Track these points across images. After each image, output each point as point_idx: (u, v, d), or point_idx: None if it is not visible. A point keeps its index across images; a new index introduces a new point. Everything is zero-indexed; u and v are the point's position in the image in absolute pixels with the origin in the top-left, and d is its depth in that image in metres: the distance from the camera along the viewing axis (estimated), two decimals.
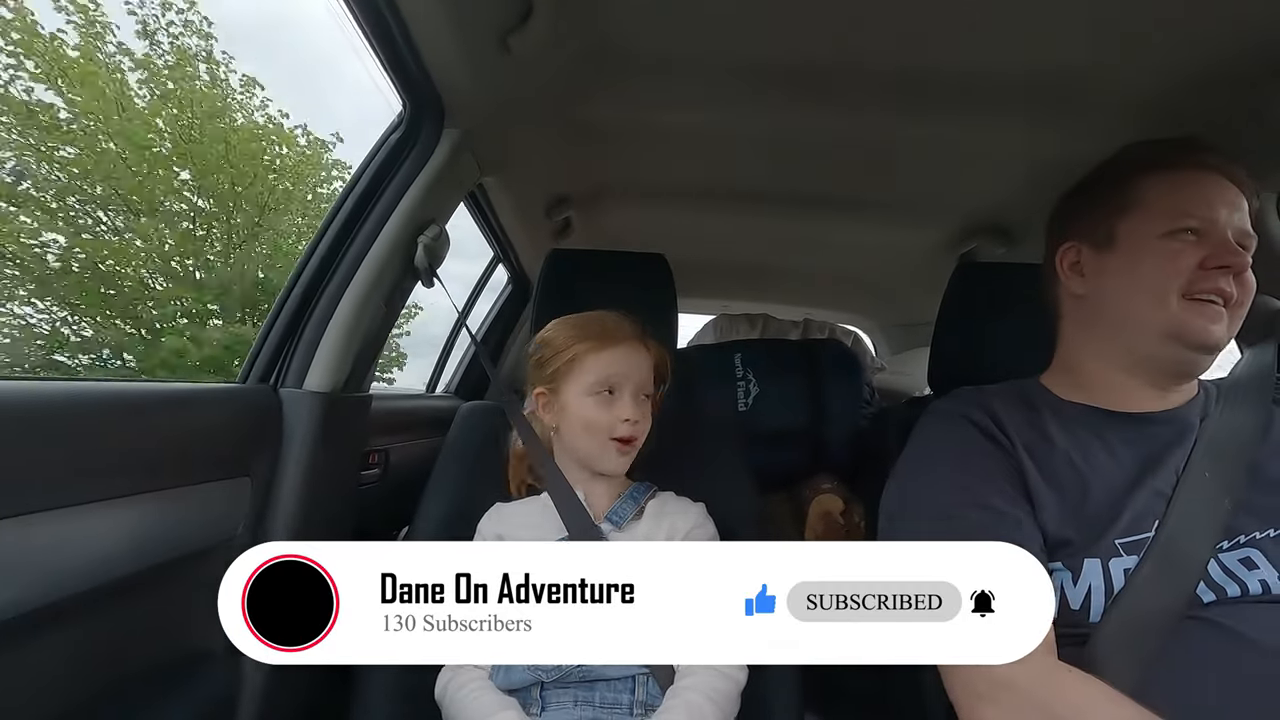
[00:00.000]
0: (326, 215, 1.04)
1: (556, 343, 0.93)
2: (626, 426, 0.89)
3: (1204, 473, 0.72)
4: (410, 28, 0.85)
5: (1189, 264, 0.74)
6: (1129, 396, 0.80)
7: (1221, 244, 0.74)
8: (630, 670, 0.80)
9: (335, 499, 1.03)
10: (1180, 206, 0.76)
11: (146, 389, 0.77)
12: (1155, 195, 0.78)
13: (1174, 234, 0.75)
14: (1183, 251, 0.74)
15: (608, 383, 0.89)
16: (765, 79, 1.14)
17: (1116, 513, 0.71)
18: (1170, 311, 0.74)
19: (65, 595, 0.64)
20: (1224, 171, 0.77)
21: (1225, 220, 0.75)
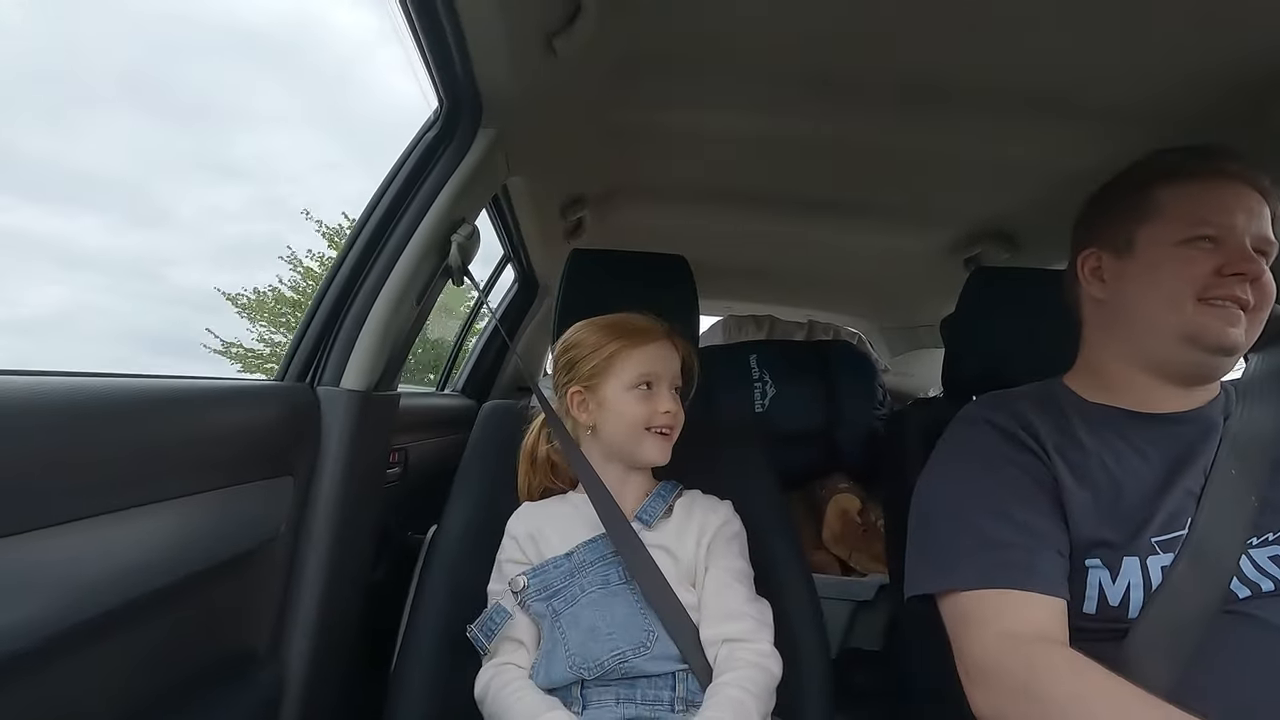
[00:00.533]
0: (362, 213, 1.04)
1: (589, 343, 0.94)
2: (666, 418, 0.91)
3: (1230, 470, 0.74)
4: (462, 25, 0.85)
5: (1205, 270, 0.75)
6: (1151, 397, 0.82)
7: (1238, 251, 0.75)
8: (670, 666, 0.81)
9: (367, 497, 1.03)
10: (1197, 214, 0.77)
11: (187, 386, 0.75)
12: (1173, 203, 0.79)
13: (1191, 241, 0.76)
14: (1199, 258, 0.75)
15: (647, 378, 0.91)
16: (784, 84, 1.15)
17: (1151, 512, 0.73)
18: (1186, 315, 0.75)
19: (113, 604, 0.62)
20: (1244, 179, 0.78)
21: (1243, 227, 0.75)
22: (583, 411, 0.94)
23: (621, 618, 0.82)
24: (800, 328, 2.21)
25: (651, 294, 1.09)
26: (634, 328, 0.94)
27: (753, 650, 0.80)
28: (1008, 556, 0.72)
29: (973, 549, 0.74)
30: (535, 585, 0.85)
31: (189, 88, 4.22)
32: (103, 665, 0.64)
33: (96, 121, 3.55)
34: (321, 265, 10.87)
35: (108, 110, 3.67)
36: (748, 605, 0.85)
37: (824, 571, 1.60)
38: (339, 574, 0.94)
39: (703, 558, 0.88)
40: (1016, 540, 0.72)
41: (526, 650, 0.85)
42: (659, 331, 0.95)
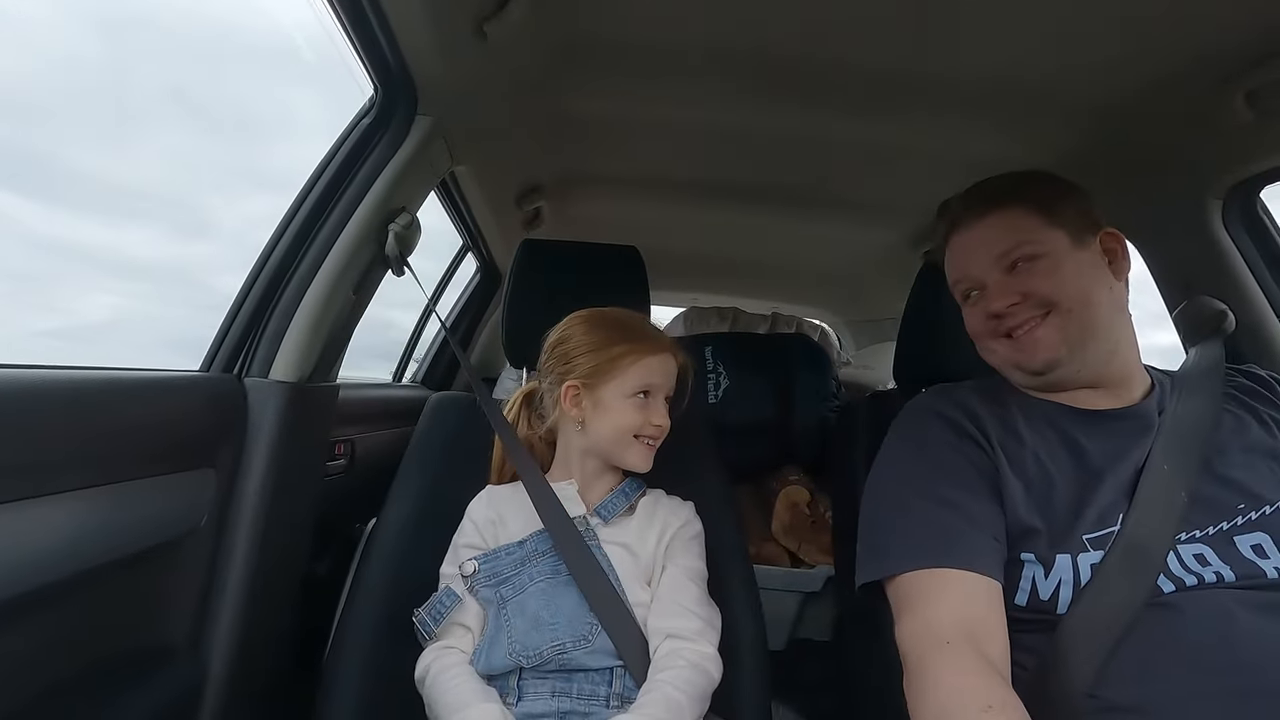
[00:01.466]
0: (293, 201, 1.01)
1: (592, 340, 0.93)
2: (656, 430, 0.91)
3: (1163, 466, 0.75)
4: (385, 10, 0.84)
5: (981, 319, 0.84)
6: (1077, 397, 0.84)
7: (988, 290, 0.83)
8: (608, 662, 0.81)
9: (301, 490, 1.01)
10: (955, 273, 0.88)
11: (104, 376, 0.74)
12: (949, 263, 0.90)
13: (965, 297, 0.88)
14: (973, 309, 0.86)
15: (647, 387, 0.91)
16: (737, 74, 1.15)
17: (1081, 509, 0.74)
18: (1002, 354, 0.84)
19: (25, 589, 0.62)
20: (976, 213, 0.85)
21: (981, 269, 0.84)
22: (574, 407, 0.93)
23: (567, 609, 0.82)
24: (764, 320, 2.21)
25: (603, 285, 1.09)
26: (642, 334, 0.94)
27: (695, 651, 0.80)
28: (944, 537, 0.73)
29: (911, 533, 0.75)
30: (485, 571, 0.85)
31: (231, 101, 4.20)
32: (12, 650, 0.64)
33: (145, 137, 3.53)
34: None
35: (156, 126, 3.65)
36: (699, 605, 0.85)
37: (773, 563, 1.60)
38: (266, 567, 0.92)
39: (661, 556, 0.89)
40: (953, 523, 0.74)
41: (471, 635, 0.84)
42: (665, 343, 0.95)
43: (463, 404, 1.12)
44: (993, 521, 0.74)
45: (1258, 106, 1.00)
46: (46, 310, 1.50)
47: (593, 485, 0.93)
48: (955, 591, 0.69)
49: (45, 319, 1.50)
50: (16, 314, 1.35)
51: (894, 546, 0.75)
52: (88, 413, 0.70)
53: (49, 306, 1.50)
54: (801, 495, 1.65)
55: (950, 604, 0.68)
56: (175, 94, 1.59)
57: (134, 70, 1.40)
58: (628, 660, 0.80)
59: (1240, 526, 0.72)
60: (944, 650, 0.65)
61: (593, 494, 0.93)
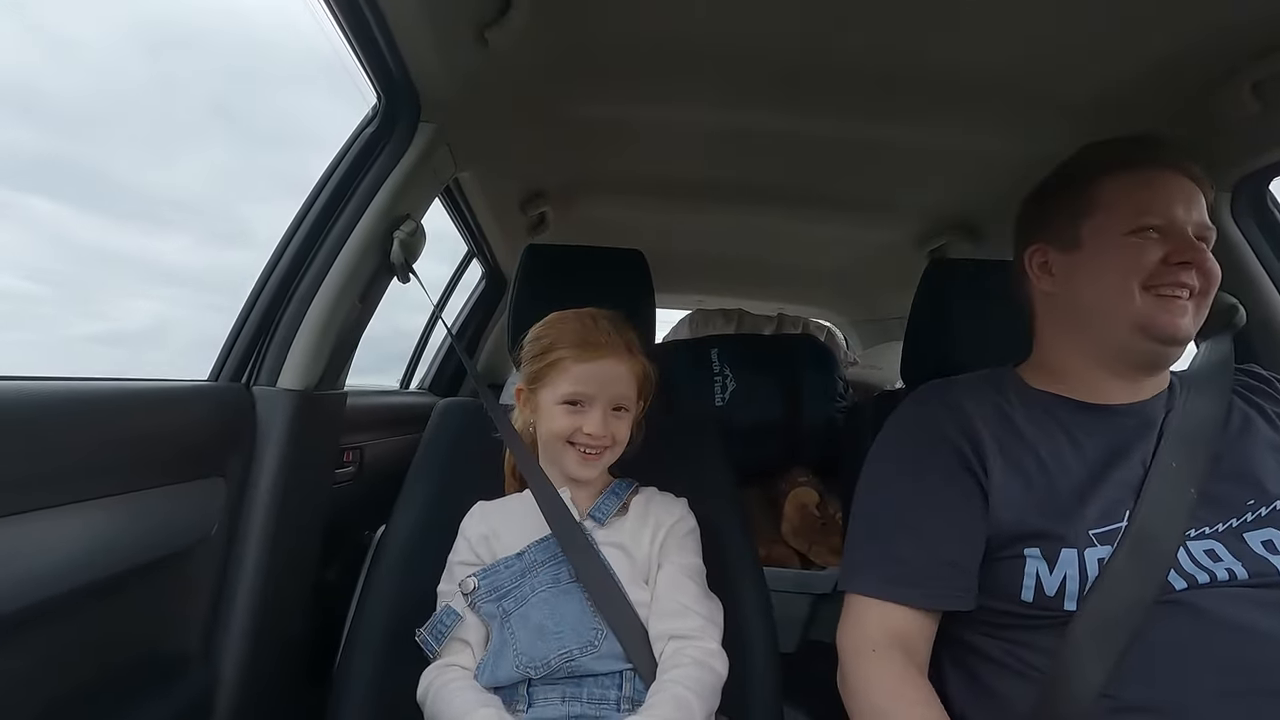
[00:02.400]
0: (299, 210, 1.02)
1: (541, 343, 0.92)
2: (589, 440, 0.88)
3: (1171, 463, 0.74)
4: (387, 19, 0.84)
5: (1152, 259, 0.76)
6: (1100, 389, 0.82)
7: (1182, 239, 0.76)
8: (617, 665, 0.81)
9: (310, 498, 1.02)
10: (1141, 205, 0.78)
11: (114, 388, 0.75)
12: (1116, 196, 0.80)
13: (1136, 232, 0.77)
14: (1145, 247, 0.77)
15: (578, 396, 0.88)
16: (739, 76, 1.15)
17: (1084, 504, 0.73)
18: (1136, 305, 0.76)
19: (39, 599, 0.62)
20: (1180, 169, 0.80)
21: (1184, 216, 0.77)
22: (526, 409, 0.93)
23: (571, 617, 0.82)
24: (770, 321, 2.21)
25: (607, 289, 1.09)
26: (584, 338, 0.90)
27: (699, 648, 0.80)
28: (892, 571, 0.77)
29: (868, 559, 0.80)
30: (486, 586, 0.84)
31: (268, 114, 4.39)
32: (22, 664, 0.64)
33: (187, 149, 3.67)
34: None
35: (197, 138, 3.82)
36: (698, 603, 0.84)
37: (783, 565, 1.60)
38: (277, 575, 0.93)
39: (656, 554, 0.88)
40: (906, 556, 0.77)
41: (472, 651, 0.84)
42: (612, 345, 0.90)
43: (470, 410, 1.12)
44: (958, 546, 0.76)
45: (1264, 98, 1.00)
46: (92, 315, 1.55)
47: (578, 490, 0.92)
48: (893, 620, 0.75)
49: (90, 324, 1.56)
50: (64, 318, 1.40)
51: (852, 564, 0.81)
52: (99, 423, 0.70)
53: (94, 312, 1.55)
54: (810, 497, 1.64)
55: (885, 623, 0.75)
56: (216, 108, 1.64)
57: (175, 86, 1.45)
58: (636, 662, 0.80)
59: (1250, 523, 0.71)
60: (873, 657, 0.73)
61: (582, 499, 0.92)
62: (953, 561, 0.75)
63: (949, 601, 0.75)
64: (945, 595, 0.75)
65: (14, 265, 1.26)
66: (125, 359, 1.58)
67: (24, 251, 1.28)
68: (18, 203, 1.24)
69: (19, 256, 1.27)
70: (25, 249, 1.29)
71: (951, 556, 0.75)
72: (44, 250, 1.34)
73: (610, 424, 0.89)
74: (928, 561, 0.75)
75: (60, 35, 1.06)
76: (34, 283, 1.33)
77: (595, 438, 0.88)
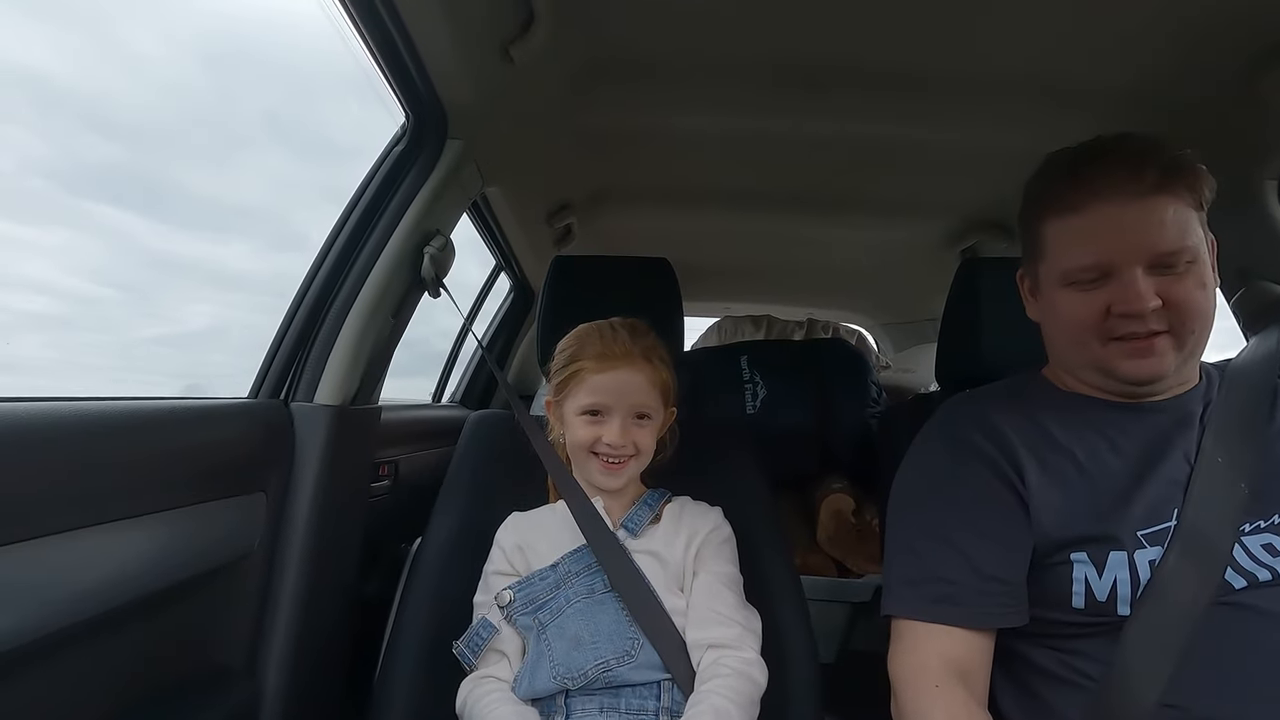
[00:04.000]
0: (332, 229, 1.04)
1: (564, 355, 0.93)
2: (609, 449, 0.88)
3: (1217, 458, 0.71)
4: (414, 39, 0.86)
5: (1096, 311, 0.72)
6: (1120, 394, 0.79)
7: (1125, 288, 0.69)
8: (654, 675, 0.80)
9: (348, 511, 1.03)
10: (1073, 254, 0.73)
11: (159, 406, 0.77)
12: (1054, 241, 0.76)
13: (1074, 284, 0.73)
14: (1087, 300, 0.72)
15: (596, 405, 0.89)
16: (764, 82, 1.15)
17: (1129, 504, 0.71)
18: (1094, 354, 0.74)
19: (87, 616, 0.64)
20: (1134, 189, 0.70)
21: (1129, 256, 0.70)
22: (555, 420, 0.94)
23: (606, 627, 0.82)
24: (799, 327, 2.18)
25: (635, 298, 1.09)
26: (600, 348, 0.90)
27: (738, 658, 0.79)
28: (935, 591, 0.74)
29: (909, 579, 0.76)
30: (521, 599, 0.85)
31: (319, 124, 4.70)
32: (72, 679, 0.66)
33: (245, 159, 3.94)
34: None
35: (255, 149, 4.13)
36: (736, 611, 0.84)
37: (820, 573, 1.57)
38: (317, 588, 0.94)
39: (691, 562, 0.88)
40: (949, 575, 0.73)
41: (509, 662, 0.84)
42: (629, 353, 0.90)
43: (502, 422, 1.13)
44: (1003, 562, 0.73)
45: None
46: (154, 318, 1.64)
47: (609, 501, 0.92)
48: (943, 643, 0.72)
49: (152, 326, 1.64)
50: (128, 321, 1.48)
51: (895, 587, 0.77)
52: (147, 442, 0.72)
53: (155, 315, 1.64)
54: (846, 503, 1.62)
55: (940, 651, 0.71)
56: (269, 118, 1.73)
57: (233, 97, 1.54)
58: (674, 671, 0.80)
59: None
60: (935, 692, 0.69)
61: (614, 509, 0.92)
62: (1000, 578, 0.72)
63: (1001, 619, 0.72)
64: (996, 613, 0.72)
65: (84, 270, 1.34)
66: (186, 360, 1.66)
67: (93, 257, 1.36)
68: (88, 210, 1.32)
69: (88, 262, 1.35)
70: (94, 255, 1.37)
71: (998, 573, 0.72)
72: (111, 256, 1.43)
73: (631, 433, 0.89)
74: (974, 580, 0.72)
75: (131, 50, 1.13)
76: (102, 286, 1.41)
77: (615, 447, 0.88)
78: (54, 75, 1.09)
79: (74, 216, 1.29)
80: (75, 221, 1.29)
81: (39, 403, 0.64)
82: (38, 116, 1.12)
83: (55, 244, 1.26)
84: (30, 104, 1.09)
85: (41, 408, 0.62)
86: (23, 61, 1.01)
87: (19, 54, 0.98)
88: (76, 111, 1.19)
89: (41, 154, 1.18)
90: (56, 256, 1.27)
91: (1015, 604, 0.72)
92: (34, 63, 1.03)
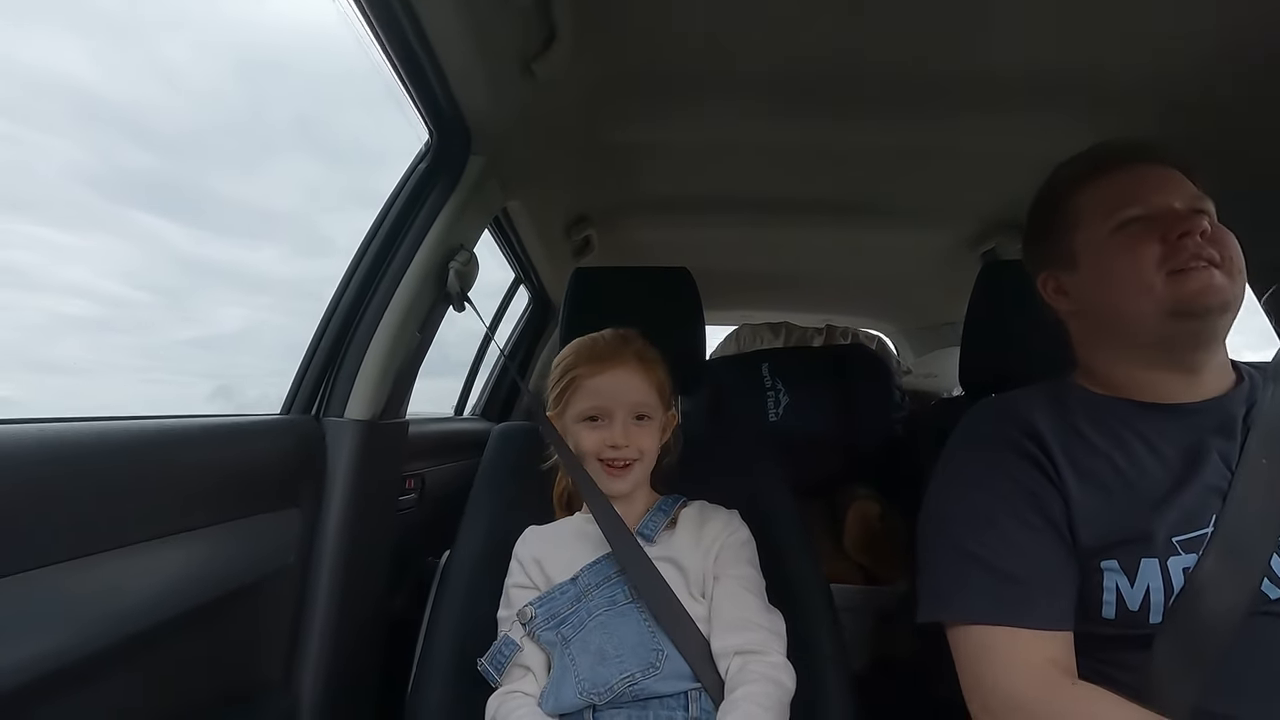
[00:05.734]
0: (360, 245, 1.06)
1: (559, 368, 0.94)
2: (614, 452, 0.89)
3: (1261, 461, 0.70)
4: (439, 58, 0.87)
5: (1152, 245, 0.73)
6: (1160, 389, 0.77)
7: (1173, 215, 0.73)
8: (682, 686, 0.80)
9: (378, 525, 1.04)
10: (1117, 201, 0.76)
11: (196, 424, 0.78)
12: (1092, 201, 0.78)
13: (1123, 226, 0.75)
14: (1140, 237, 0.74)
15: (594, 410, 0.90)
16: (779, 91, 1.15)
17: (1166, 510, 0.69)
18: (1159, 292, 0.72)
19: (127, 634, 0.65)
20: (1157, 160, 0.78)
21: (1166, 200, 0.74)
22: (564, 434, 0.94)
23: (630, 639, 0.81)
24: (818, 333, 2.17)
25: (655, 308, 1.09)
26: (593, 352, 0.92)
27: (765, 663, 0.79)
28: (1008, 591, 0.70)
29: (973, 581, 0.73)
30: (543, 615, 0.85)
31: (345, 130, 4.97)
32: (114, 697, 0.67)
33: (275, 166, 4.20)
34: None
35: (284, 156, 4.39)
36: (759, 615, 0.83)
37: (847, 581, 1.56)
38: (350, 602, 0.95)
39: (711, 567, 0.87)
40: (1016, 572, 0.70)
41: (534, 677, 0.84)
42: (622, 355, 0.92)
43: (526, 434, 1.14)
44: (1054, 560, 0.71)
45: None
46: (188, 321, 1.70)
47: (624, 509, 0.92)
48: (1032, 645, 0.68)
49: (187, 329, 1.70)
50: (163, 323, 1.54)
51: (955, 592, 0.73)
52: (183, 460, 0.74)
53: (189, 317, 1.70)
54: (872, 509, 1.60)
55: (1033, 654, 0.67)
56: (300, 124, 1.80)
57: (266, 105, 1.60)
58: (703, 679, 0.79)
59: None
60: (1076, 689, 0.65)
61: (629, 517, 0.91)
62: (1061, 574, 0.70)
63: (1069, 620, 0.69)
64: (1066, 614, 0.69)
65: (120, 274, 1.39)
66: (217, 361, 1.71)
67: (129, 261, 1.42)
68: (125, 217, 1.38)
69: (124, 266, 1.40)
70: (130, 259, 1.42)
71: (1059, 569, 0.70)
72: (147, 260, 1.48)
73: (632, 434, 0.90)
74: (1039, 577, 0.70)
75: (166, 62, 1.18)
76: (137, 289, 1.47)
77: (619, 448, 0.89)
78: (92, 85, 1.13)
79: (111, 222, 1.34)
80: (112, 227, 1.34)
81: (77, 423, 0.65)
82: (76, 125, 1.17)
83: (93, 249, 1.31)
84: (69, 114, 1.13)
85: (82, 427, 0.64)
86: (63, 71, 1.05)
87: (58, 64, 1.02)
88: (113, 120, 1.24)
89: (80, 161, 1.23)
90: (94, 261, 1.32)
91: (1072, 605, 0.70)
92: (73, 71, 1.08)
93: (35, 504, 0.57)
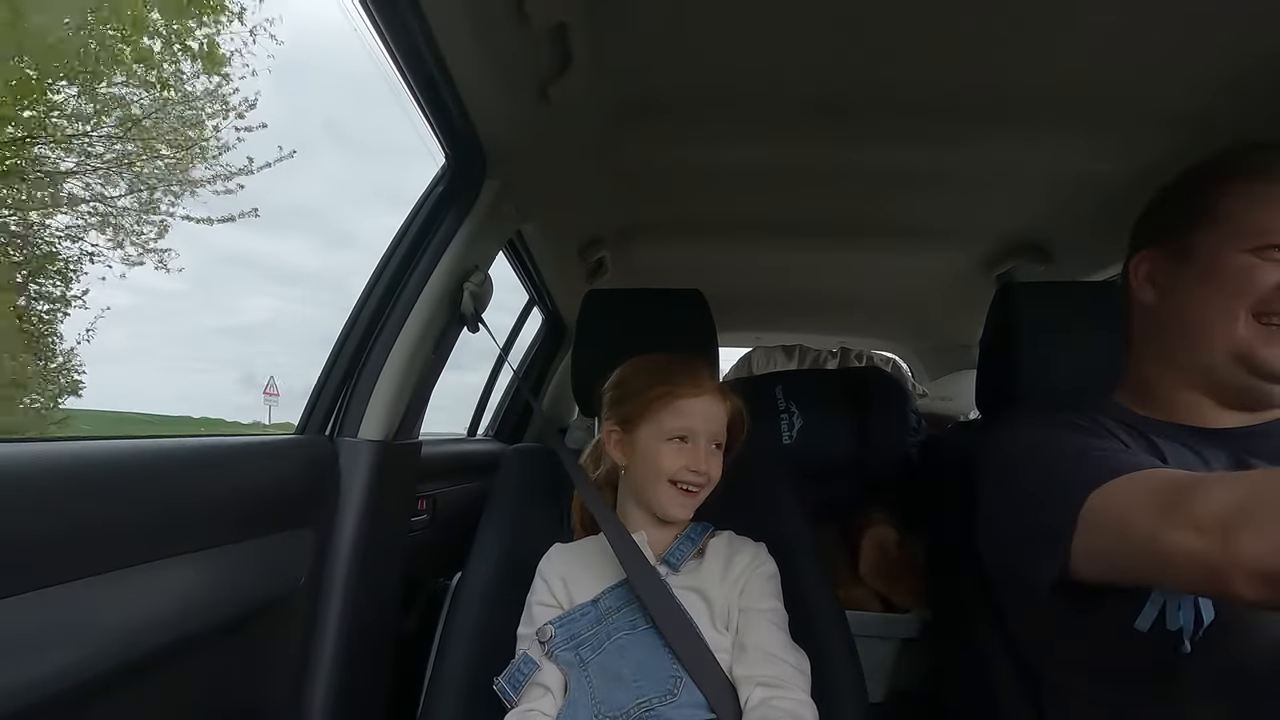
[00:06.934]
0: (376, 266, 1.08)
1: (636, 384, 0.93)
2: (694, 476, 0.88)
3: None
4: (456, 82, 0.89)
5: (1268, 283, 0.69)
6: (1206, 414, 0.75)
7: None
8: (698, 715, 0.78)
9: (391, 546, 1.04)
10: (1265, 222, 0.70)
11: (210, 444, 0.79)
12: (1239, 208, 0.73)
13: (1257, 250, 0.70)
14: (1264, 269, 0.69)
15: (684, 430, 0.89)
16: (794, 113, 1.16)
17: None
18: (1239, 333, 0.70)
19: (138, 653, 0.65)
20: None
21: None
22: (617, 451, 0.93)
23: (648, 664, 0.80)
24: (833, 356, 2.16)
25: (669, 330, 1.09)
26: (686, 377, 0.91)
27: (789, 699, 0.77)
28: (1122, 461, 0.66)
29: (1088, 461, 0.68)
30: (562, 635, 0.84)
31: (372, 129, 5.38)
32: (123, 714, 0.66)
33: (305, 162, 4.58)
34: None
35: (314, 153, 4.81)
36: (785, 651, 0.82)
37: (863, 608, 1.53)
38: (361, 623, 0.95)
39: (736, 599, 0.86)
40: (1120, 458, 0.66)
41: (552, 697, 0.83)
42: (708, 386, 0.92)
43: (538, 455, 1.13)
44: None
45: None
46: (218, 310, 1.76)
47: (654, 535, 0.91)
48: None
49: (216, 318, 1.77)
50: (194, 313, 1.59)
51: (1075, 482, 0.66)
52: (197, 479, 0.74)
53: (220, 307, 1.77)
54: (889, 534, 1.58)
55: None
56: (327, 124, 1.86)
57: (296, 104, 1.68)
58: (718, 709, 0.78)
59: None
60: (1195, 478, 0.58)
61: (657, 543, 0.91)
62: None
63: None
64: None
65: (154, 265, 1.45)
66: (242, 350, 1.77)
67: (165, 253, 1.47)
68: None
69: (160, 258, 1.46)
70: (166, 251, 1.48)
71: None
72: (181, 253, 1.55)
73: (710, 461, 0.89)
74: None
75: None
76: (170, 279, 1.53)
77: (700, 473, 0.88)
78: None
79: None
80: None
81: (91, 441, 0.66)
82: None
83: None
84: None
85: (95, 446, 0.64)
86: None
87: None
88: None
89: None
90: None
91: None
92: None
93: (47, 522, 0.57)
